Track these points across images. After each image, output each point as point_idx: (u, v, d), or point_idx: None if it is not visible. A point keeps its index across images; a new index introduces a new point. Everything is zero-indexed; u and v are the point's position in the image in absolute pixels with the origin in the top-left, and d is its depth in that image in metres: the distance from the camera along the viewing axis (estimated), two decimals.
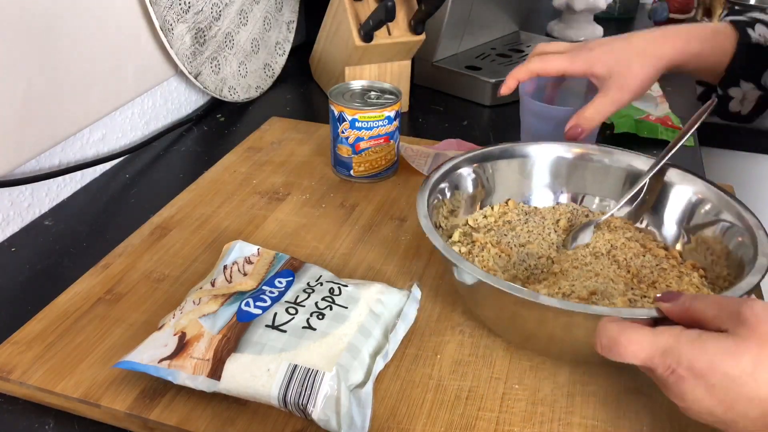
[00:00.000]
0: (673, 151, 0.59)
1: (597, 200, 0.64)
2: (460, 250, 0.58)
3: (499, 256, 0.58)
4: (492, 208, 0.64)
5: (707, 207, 0.57)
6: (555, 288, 0.53)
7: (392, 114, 0.71)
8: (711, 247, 0.56)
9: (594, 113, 0.66)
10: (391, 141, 0.73)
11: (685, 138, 0.61)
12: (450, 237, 0.60)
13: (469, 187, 0.62)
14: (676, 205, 0.60)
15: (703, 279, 0.55)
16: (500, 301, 0.49)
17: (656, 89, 1.01)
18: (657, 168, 0.60)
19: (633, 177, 0.62)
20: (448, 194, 0.60)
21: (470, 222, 0.62)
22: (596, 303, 0.51)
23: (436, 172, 0.59)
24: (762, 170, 1.02)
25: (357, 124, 0.71)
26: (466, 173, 0.62)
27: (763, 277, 0.47)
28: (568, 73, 0.68)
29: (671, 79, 1.10)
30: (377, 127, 0.71)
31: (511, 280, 0.55)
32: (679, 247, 0.59)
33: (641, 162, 0.62)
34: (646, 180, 0.60)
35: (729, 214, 0.55)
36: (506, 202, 0.64)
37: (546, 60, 0.68)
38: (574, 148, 0.64)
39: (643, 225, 0.62)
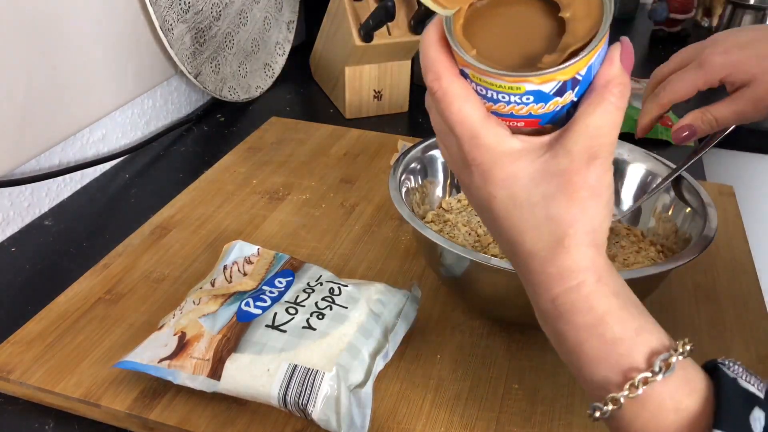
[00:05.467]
0: (689, 164, 0.59)
1: None
2: (432, 229, 0.59)
3: (469, 234, 0.60)
4: None
5: (658, 182, 0.60)
6: None
7: (551, 86, 0.32)
8: (664, 225, 0.59)
9: (714, 118, 0.55)
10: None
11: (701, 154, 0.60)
12: (423, 219, 0.62)
13: (440, 169, 0.64)
14: (632, 183, 0.62)
15: (660, 254, 0.58)
16: (459, 266, 0.51)
17: None
18: (670, 179, 0.59)
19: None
20: (420, 178, 0.62)
21: (443, 205, 0.64)
22: None
23: (407, 153, 0.61)
24: (762, 170, 1.02)
25: (478, 88, 0.34)
26: (437, 156, 0.64)
27: (703, 250, 0.49)
28: (706, 88, 0.56)
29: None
30: (512, 102, 0.33)
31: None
32: (640, 226, 0.61)
33: (625, 151, 0.63)
34: (660, 188, 0.60)
35: (685, 193, 0.58)
36: None
37: (674, 84, 0.56)
38: None
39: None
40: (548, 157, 0.33)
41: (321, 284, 0.52)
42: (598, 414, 0.31)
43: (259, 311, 0.49)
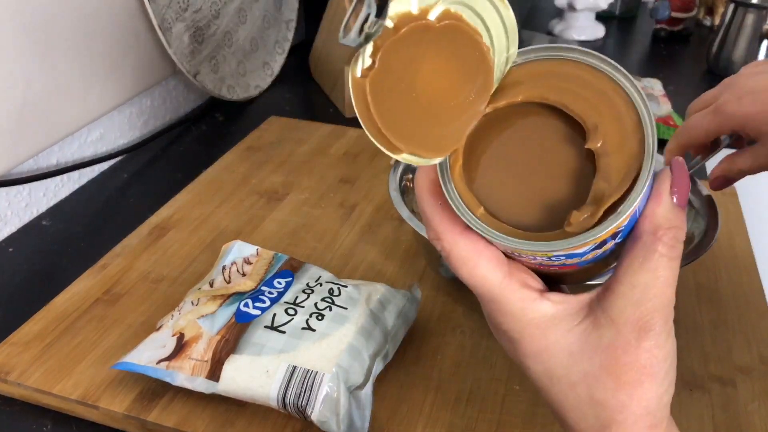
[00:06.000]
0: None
1: None
2: None
3: None
4: None
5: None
6: None
7: (587, 248, 0.27)
8: None
9: (740, 170, 0.52)
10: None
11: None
12: None
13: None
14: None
15: None
16: None
17: (658, 89, 1.01)
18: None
19: None
20: None
21: None
22: None
23: None
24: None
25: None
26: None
27: (706, 250, 0.49)
28: (720, 135, 0.53)
29: (673, 78, 1.10)
30: (537, 259, 0.28)
31: None
32: None
33: None
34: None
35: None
36: None
37: (690, 128, 0.52)
38: None
39: None
40: (588, 326, 0.27)
41: (320, 285, 0.52)
42: None
43: (258, 312, 0.49)
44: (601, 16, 1.32)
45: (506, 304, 0.28)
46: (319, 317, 0.48)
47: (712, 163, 0.56)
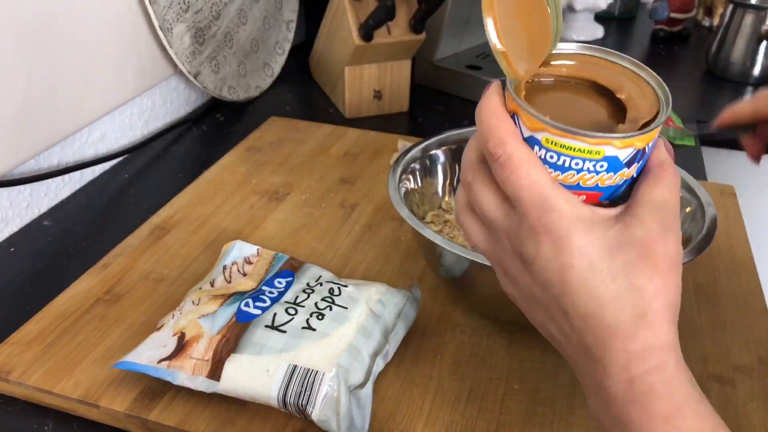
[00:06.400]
0: None
1: None
2: (432, 229, 0.59)
3: None
4: None
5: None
6: None
7: (627, 153, 0.32)
8: None
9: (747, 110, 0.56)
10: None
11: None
12: (423, 219, 0.62)
13: (440, 170, 0.64)
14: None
15: None
16: (459, 266, 0.51)
17: None
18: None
19: None
20: (420, 178, 0.62)
21: (443, 205, 0.64)
22: None
23: (407, 153, 0.61)
24: (763, 170, 1.02)
25: (548, 155, 0.33)
26: (438, 156, 0.64)
27: (704, 250, 0.49)
28: (756, 119, 0.56)
29: (672, 79, 1.10)
30: (583, 170, 0.33)
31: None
32: None
33: None
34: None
35: (682, 191, 0.57)
36: None
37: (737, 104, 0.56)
38: None
39: None
40: (622, 227, 0.31)
41: (321, 284, 0.52)
42: None
43: (258, 311, 0.49)
44: (600, 17, 1.32)
45: (556, 202, 0.31)
46: (320, 317, 0.48)
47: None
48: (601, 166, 0.32)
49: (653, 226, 0.31)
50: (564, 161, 0.32)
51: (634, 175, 0.33)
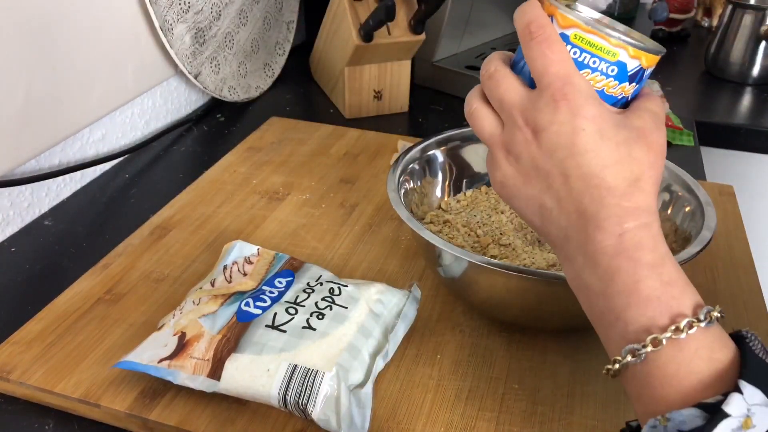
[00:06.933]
0: None
1: None
2: (431, 230, 0.59)
3: (468, 235, 0.60)
4: (465, 193, 0.66)
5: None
6: (516, 261, 0.57)
7: (634, 65, 0.38)
8: (663, 224, 0.58)
9: None
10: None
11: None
12: (422, 220, 0.62)
13: (439, 170, 0.64)
14: None
15: None
16: (458, 267, 0.51)
17: (656, 89, 1.01)
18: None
19: None
20: (419, 179, 0.62)
21: (443, 206, 0.64)
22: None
23: (406, 153, 0.61)
24: (762, 170, 1.02)
25: (572, 51, 0.38)
26: (437, 156, 0.64)
27: (703, 249, 0.49)
28: None
29: (671, 79, 1.10)
30: (597, 70, 0.38)
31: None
32: None
33: None
34: None
35: (681, 190, 0.58)
36: (480, 188, 0.67)
37: None
38: None
39: None
40: (624, 116, 0.38)
41: (321, 284, 0.52)
42: (629, 358, 0.33)
43: (259, 311, 0.49)
44: None
45: (578, 80, 0.37)
46: (320, 316, 0.48)
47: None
48: (612, 70, 0.38)
49: (648, 121, 0.37)
50: (585, 58, 0.38)
51: (629, 98, 0.39)
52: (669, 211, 0.58)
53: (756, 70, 1.09)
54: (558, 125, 0.36)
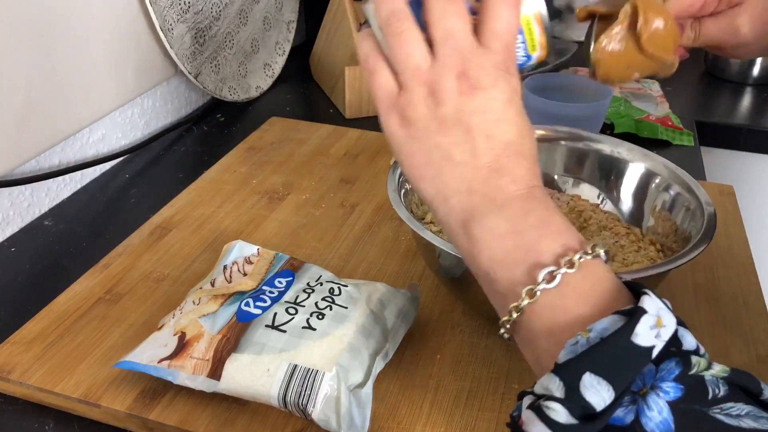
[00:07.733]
0: None
1: (570, 183, 0.66)
2: (431, 230, 0.59)
3: None
4: None
5: (657, 181, 0.60)
6: None
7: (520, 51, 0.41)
8: (663, 224, 0.59)
9: (699, 32, 0.56)
10: None
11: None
12: (422, 220, 0.62)
13: None
14: (631, 182, 0.62)
15: (659, 253, 0.58)
16: (458, 267, 0.51)
17: (656, 89, 1.01)
18: None
19: (606, 161, 0.64)
20: None
21: None
22: None
23: None
24: (762, 170, 1.02)
25: None
26: None
27: (703, 249, 0.49)
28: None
29: (670, 79, 1.10)
30: None
31: None
32: (642, 225, 0.62)
33: (613, 145, 0.63)
34: None
35: (681, 190, 0.58)
36: None
37: None
38: (540, 130, 0.65)
39: (607, 207, 0.64)
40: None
41: (321, 284, 0.52)
42: (544, 285, 0.34)
43: (259, 311, 0.49)
44: None
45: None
46: (320, 316, 0.49)
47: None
48: None
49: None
50: None
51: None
52: (669, 211, 0.58)
53: (756, 70, 1.09)
54: (498, 91, 0.37)
